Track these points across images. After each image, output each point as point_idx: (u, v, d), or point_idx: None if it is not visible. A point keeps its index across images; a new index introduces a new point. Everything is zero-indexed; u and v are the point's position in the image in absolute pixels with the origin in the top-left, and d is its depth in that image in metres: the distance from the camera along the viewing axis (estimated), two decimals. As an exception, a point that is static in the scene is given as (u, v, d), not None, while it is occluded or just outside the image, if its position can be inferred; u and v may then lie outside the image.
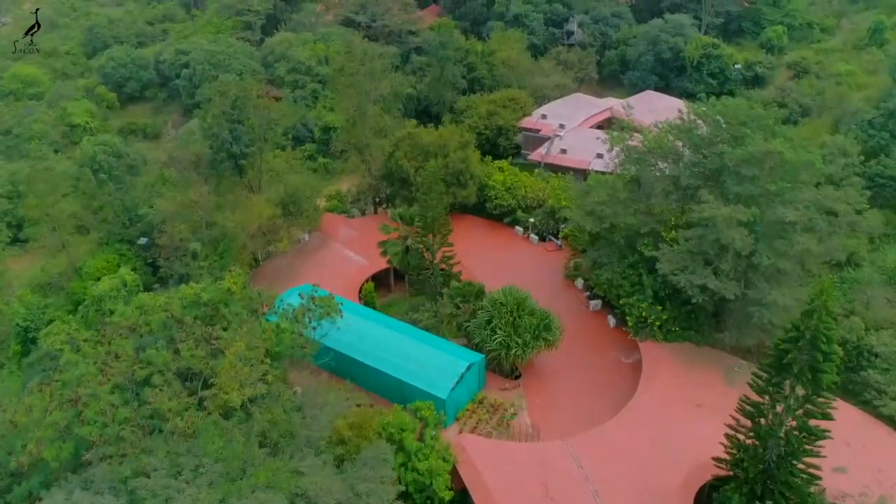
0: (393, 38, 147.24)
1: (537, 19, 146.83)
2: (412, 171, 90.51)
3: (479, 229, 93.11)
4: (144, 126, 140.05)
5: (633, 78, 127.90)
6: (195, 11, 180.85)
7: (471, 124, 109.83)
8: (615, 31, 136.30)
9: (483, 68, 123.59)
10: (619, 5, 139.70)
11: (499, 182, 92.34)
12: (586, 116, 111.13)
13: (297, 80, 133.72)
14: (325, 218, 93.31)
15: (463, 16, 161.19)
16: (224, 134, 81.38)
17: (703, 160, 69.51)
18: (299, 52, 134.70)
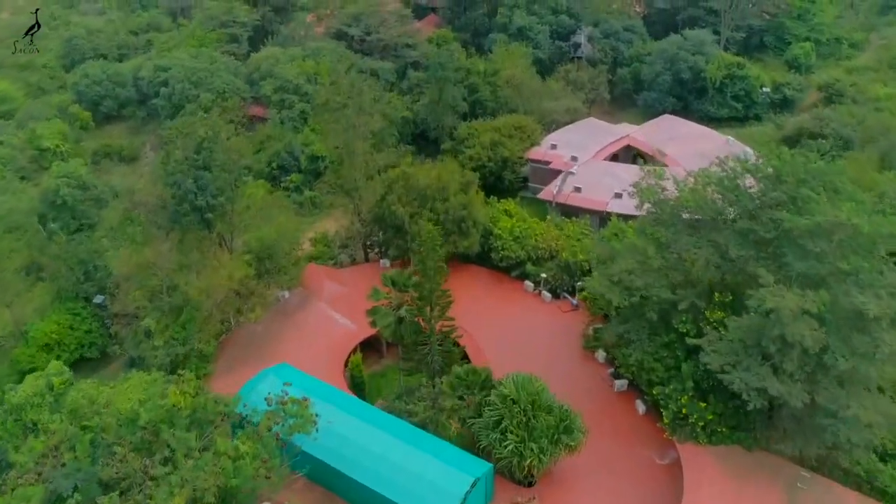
0: (388, 52, 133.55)
1: (543, 32, 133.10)
2: (407, 218, 77.23)
3: (482, 283, 79.68)
4: (120, 149, 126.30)
5: (648, 99, 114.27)
6: (182, 21, 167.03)
7: (472, 155, 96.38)
8: (628, 47, 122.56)
9: (486, 90, 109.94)
10: (632, 18, 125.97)
11: (505, 230, 78.84)
12: (601, 146, 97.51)
13: (284, 99, 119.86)
14: (309, 270, 79.90)
15: (463, 27, 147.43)
16: (187, 183, 67.81)
17: (755, 227, 56.05)
18: (287, 69, 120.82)
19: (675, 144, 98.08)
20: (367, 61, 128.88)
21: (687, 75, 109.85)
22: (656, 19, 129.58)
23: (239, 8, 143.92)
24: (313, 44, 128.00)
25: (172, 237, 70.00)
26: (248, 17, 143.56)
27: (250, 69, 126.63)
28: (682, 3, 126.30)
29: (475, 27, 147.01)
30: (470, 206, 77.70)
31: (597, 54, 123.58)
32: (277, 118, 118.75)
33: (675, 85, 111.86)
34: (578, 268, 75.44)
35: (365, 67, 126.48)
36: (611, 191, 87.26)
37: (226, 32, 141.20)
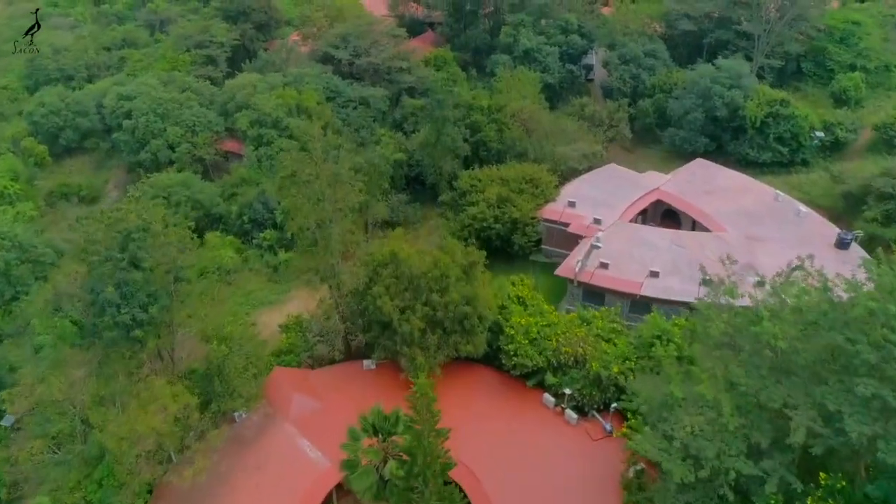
0: (380, 76, 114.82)
1: (552, 55, 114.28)
2: (396, 316, 59.16)
3: (489, 393, 61.50)
4: (79, 188, 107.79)
5: (676, 139, 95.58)
6: (159, 35, 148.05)
7: (476, 215, 78.10)
8: (649, 75, 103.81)
9: (490, 130, 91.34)
10: (653, 41, 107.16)
11: (519, 328, 60.58)
12: (628, 203, 79.17)
13: (261, 134, 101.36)
14: (274, 376, 61.84)
15: (463, 46, 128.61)
16: (108, 294, 49.53)
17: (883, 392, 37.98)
18: (265, 100, 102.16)
19: (714, 199, 79.83)
20: (357, 88, 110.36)
21: (722, 113, 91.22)
22: (679, 42, 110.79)
23: (216, 26, 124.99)
24: (296, 69, 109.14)
25: (92, 356, 51.78)
26: (227, 37, 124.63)
27: (224, 98, 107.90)
28: (710, 24, 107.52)
29: (476, 46, 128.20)
30: (474, 300, 59.52)
31: (614, 82, 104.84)
32: (254, 156, 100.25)
33: (708, 123, 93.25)
34: (612, 381, 57.40)
35: (354, 95, 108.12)
36: (645, 265, 69.05)
37: (201, 53, 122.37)
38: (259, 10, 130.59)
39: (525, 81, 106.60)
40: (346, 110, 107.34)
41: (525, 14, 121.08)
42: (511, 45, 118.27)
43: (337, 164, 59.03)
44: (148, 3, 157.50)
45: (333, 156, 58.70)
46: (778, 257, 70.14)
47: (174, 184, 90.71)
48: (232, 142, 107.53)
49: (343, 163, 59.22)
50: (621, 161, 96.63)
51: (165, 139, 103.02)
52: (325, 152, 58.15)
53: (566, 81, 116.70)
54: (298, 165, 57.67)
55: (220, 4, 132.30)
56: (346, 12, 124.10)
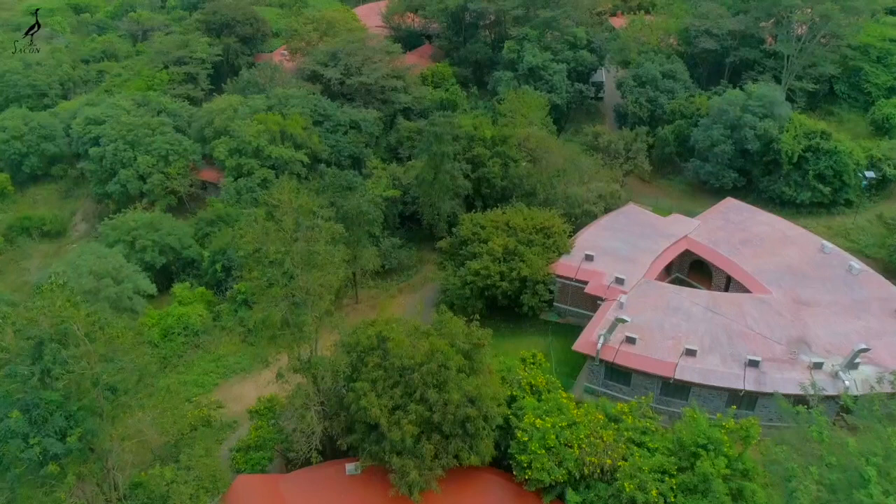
0: (374, 96, 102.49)
1: (559, 73, 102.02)
2: (385, 419, 47.18)
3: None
4: (43, 221, 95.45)
5: (701, 172, 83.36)
6: (140, 45, 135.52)
7: (480, 270, 65.95)
8: (668, 98, 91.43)
9: (494, 165, 79.06)
10: (672, 61, 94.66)
11: (534, 432, 48.50)
12: (653, 256, 67.02)
13: (241, 164, 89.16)
14: (236, 488, 49.77)
15: (463, 60, 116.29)
16: (11, 422, 37.38)
17: None
18: (245, 126, 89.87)
19: (751, 251, 67.68)
20: (347, 110, 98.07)
21: (754, 145, 78.91)
22: (699, 60, 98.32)
23: (196, 41, 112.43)
24: (281, 90, 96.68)
25: None
26: (208, 53, 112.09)
27: (202, 123, 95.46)
28: (733, 42, 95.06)
29: (477, 60, 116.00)
30: (479, 399, 47.52)
31: (629, 106, 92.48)
32: (232, 188, 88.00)
33: (738, 156, 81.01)
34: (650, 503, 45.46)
35: (343, 119, 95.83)
36: (678, 340, 56.98)
37: (180, 71, 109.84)
38: (244, 23, 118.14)
39: (531, 104, 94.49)
40: (334, 136, 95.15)
41: (529, 27, 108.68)
42: (515, 61, 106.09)
43: (313, 233, 46.53)
44: (130, 12, 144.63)
45: (308, 227, 46.20)
46: (832, 328, 58.46)
47: (140, 225, 78.44)
48: (210, 171, 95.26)
49: (322, 237, 46.72)
50: (640, 195, 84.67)
51: (135, 169, 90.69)
52: (296, 223, 45.66)
53: (575, 102, 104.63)
54: (263, 241, 45.31)
55: (202, 17, 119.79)
56: (338, 25, 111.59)
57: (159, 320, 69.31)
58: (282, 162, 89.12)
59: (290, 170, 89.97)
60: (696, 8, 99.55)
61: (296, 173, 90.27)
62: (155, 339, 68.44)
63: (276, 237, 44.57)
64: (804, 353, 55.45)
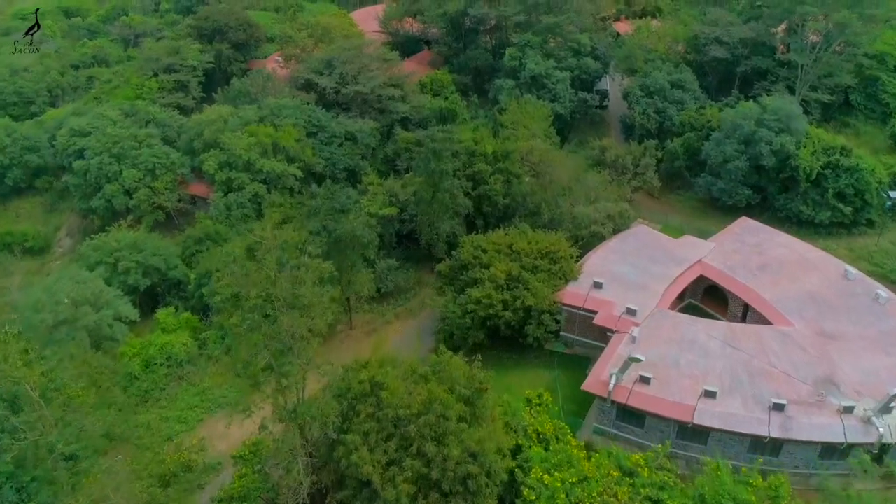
0: (370, 106, 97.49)
1: (562, 81, 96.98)
2: (378, 475, 42.30)
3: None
4: (25, 237, 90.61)
5: (713, 189, 78.34)
6: (132, 51, 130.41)
7: (481, 298, 60.97)
8: (678, 110, 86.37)
9: (496, 182, 74.05)
10: (681, 70, 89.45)
11: (542, 491, 43.55)
12: (666, 283, 62.07)
13: (231, 179, 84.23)
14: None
15: (462, 67, 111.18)
16: (-53, 497, 32.60)
17: None
18: (236, 138, 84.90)
19: (770, 277, 62.68)
20: (342, 121, 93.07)
21: (769, 162, 73.91)
22: (708, 69, 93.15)
23: (187, 48, 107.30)
24: (273, 101, 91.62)
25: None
26: (199, 60, 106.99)
27: (192, 135, 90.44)
28: (744, 51, 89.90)
29: (477, 68, 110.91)
30: (483, 454, 42.64)
31: (637, 117, 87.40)
32: (222, 203, 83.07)
33: (752, 172, 76.05)
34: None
35: (338, 130, 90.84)
36: (696, 379, 52.05)
37: (170, 79, 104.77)
38: (237, 28, 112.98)
39: (534, 114, 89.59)
40: (329, 148, 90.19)
41: (532, 33, 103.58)
42: (516, 69, 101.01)
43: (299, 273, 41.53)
44: (122, 16, 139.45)
45: (293, 266, 41.20)
46: (862, 365, 53.48)
47: (123, 246, 73.42)
48: (200, 184, 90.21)
49: (307, 277, 41.69)
50: (648, 211, 79.76)
51: (121, 183, 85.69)
52: (278, 262, 40.64)
53: (579, 111, 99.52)
54: (243, 285, 40.25)
55: (194, 22, 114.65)
56: (333, 31, 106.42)
57: (141, 350, 64.39)
58: (274, 176, 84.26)
59: (283, 184, 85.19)
60: (705, 15, 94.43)
61: (288, 187, 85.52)
62: (136, 371, 63.53)
63: (258, 278, 39.48)
64: (833, 394, 50.56)
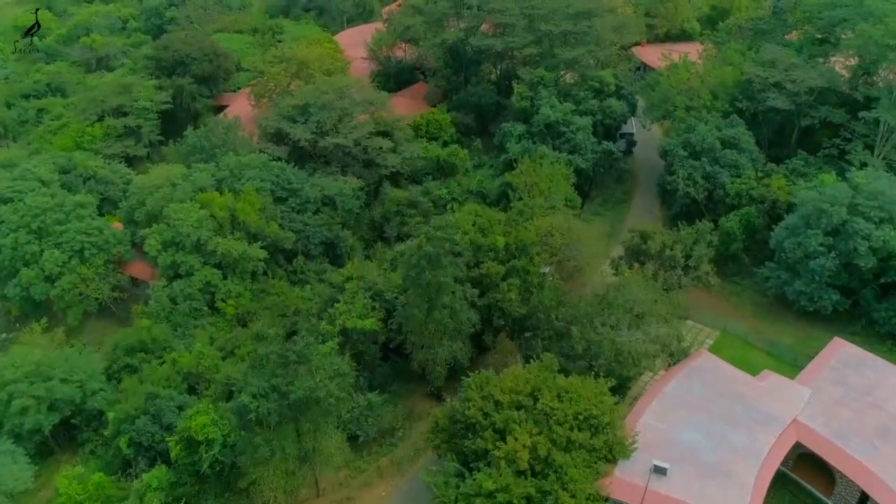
0: (354, 158, 76.83)
1: (584, 129, 76.33)
2: None
3: None
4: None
5: (787, 289, 57.79)
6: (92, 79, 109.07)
7: (496, 492, 40.44)
8: (731, 175, 65.63)
9: (511, 288, 53.43)
10: (733, 124, 68.21)
11: None
12: (756, 463, 41.68)
13: (177, 263, 63.81)
14: None
15: (463, 104, 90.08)
16: None
17: None
18: (185, 210, 64.37)
19: (892, 447, 42.52)
20: (319, 180, 72.56)
21: (867, 262, 53.50)
22: (763, 120, 72.08)
23: (139, 85, 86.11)
24: (234, 158, 70.84)
25: None
26: (154, 99, 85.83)
27: (132, 203, 69.74)
28: (809, 98, 68.89)
29: (479, 106, 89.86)
30: None
31: (680, 183, 66.62)
32: (165, 296, 62.76)
33: (842, 271, 55.51)
34: None
35: (313, 195, 70.23)
36: None
37: (118, 124, 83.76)
38: (202, 59, 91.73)
39: (551, 175, 69.27)
40: (302, 217, 69.75)
41: (544, 68, 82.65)
42: (528, 111, 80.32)
43: None
44: (85, 35, 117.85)
45: None
46: None
47: (21, 376, 52.79)
48: (144, 263, 69.49)
49: None
50: (701, 310, 59.62)
51: (41, 268, 65.01)
52: None
53: (602, 164, 78.76)
54: None
55: (152, 52, 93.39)
56: (311, 66, 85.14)
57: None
58: (231, 260, 63.54)
59: (242, 268, 64.58)
60: (759, 53, 73.36)
61: (249, 272, 64.98)
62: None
63: None
64: None
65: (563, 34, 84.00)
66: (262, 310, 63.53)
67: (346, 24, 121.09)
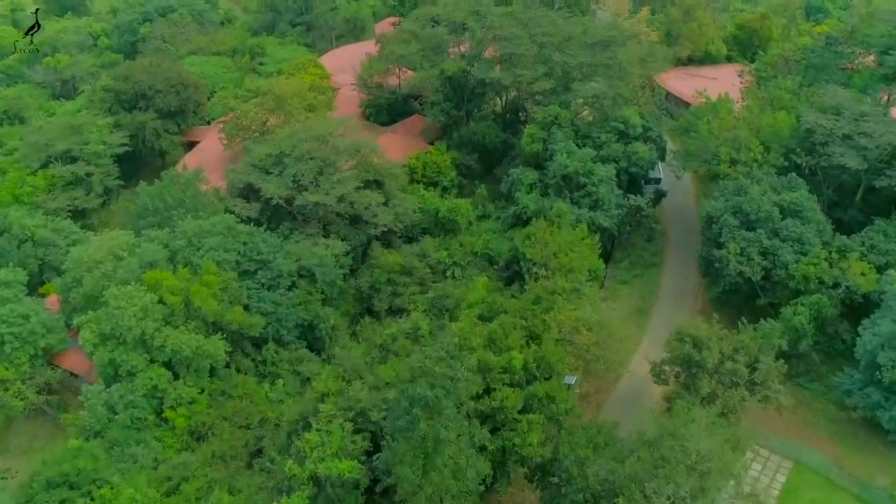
0: (338, 215, 62.55)
1: (607, 181, 62.22)
2: None
3: None
4: None
5: (882, 416, 43.85)
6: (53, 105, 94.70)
7: None
8: (794, 251, 51.55)
9: (532, 431, 39.31)
10: (793, 185, 54.10)
11: None
12: None
13: (118, 363, 49.72)
14: None
15: (465, 142, 75.90)
16: None
17: None
18: (128, 294, 50.22)
19: None
20: (295, 245, 58.36)
21: None
22: (823, 178, 57.84)
23: (91, 126, 71.63)
24: (192, 224, 56.49)
25: None
26: (108, 141, 71.37)
27: (67, 282, 55.40)
28: (883, 153, 54.69)
29: (484, 145, 75.54)
30: None
31: (730, 261, 52.36)
32: (100, 404, 48.81)
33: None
34: None
35: (287, 268, 56.01)
36: None
37: (66, 172, 69.39)
38: (168, 91, 77.02)
39: (572, 243, 55.33)
40: (274, 294, 55.60)
41: (559, 104, 68.36)
42: (540, 155, 66.25)
43: None
44: (45, 56, 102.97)
45: None
46: None
47: None
48: (81, 354, 55.16)
49: None
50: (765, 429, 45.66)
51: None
52: None
53: (629, 221, 64.64)
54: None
55: (110, 84, 78.66)
56: (290, 103, 70.72)
57: None
58: (183, 357, 49.41)
59: (198, 366, 50.53)
60: (816, 95, 59.01)
61: (207, 369, 51.00)
62: None
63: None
64: None
65: (581, 66, 69.64)
66: (221, 420, 49.62)
67: (335, 41, 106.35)
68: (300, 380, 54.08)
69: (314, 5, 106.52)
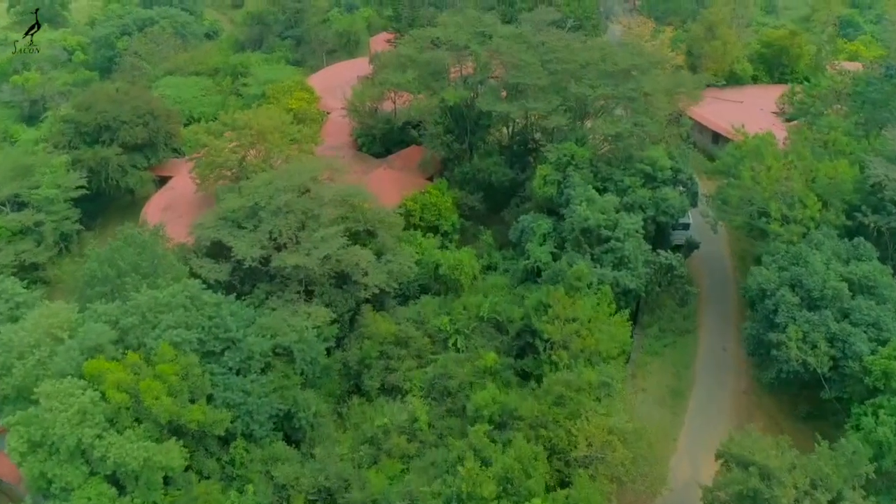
0: (322, 280, 52.00)
1: (633, 235, 51.79)
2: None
3: None
4: None
5: None
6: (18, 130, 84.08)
7: None
8: (867, 338, 41.28)
9: None
10: (859, 250, 43.97)
11: None
12: None
13: (48, 477, 39.43)
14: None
15: (466, 180, 65.17)
16: None
17: None
18: (64, 392, 39.82)
19: None
20: (268, 322, 47.83)
21: None
22: (889, 238, 47.41)
23: (44, 165, 60.96)
24: (147, 295, 45.99)
25: None
26: (62, 186, 60.63)
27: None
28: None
29: (490, 183, 64.84)
30: None
31: (791, 347, 41.97)
32: (30, 531, 38.20)
33: None
34: None
35: (259, 348, 45.61)
36: None
37: (14, 220, 58.77)
38: (134, 123, 66.25)
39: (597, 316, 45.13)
40: (243, 380, 45.14)
41: (576, 143, 57.93)
42: (554, 200, 55.88)
43: None
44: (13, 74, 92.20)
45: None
46: None
47: None
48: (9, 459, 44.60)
49: None
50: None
51: None
52: None
53: (659, 281, 54.21)
54: None
55: (71, 114, 67.82)
56: (271, 137, 60.13)
57: None
58: (129, 471, 39.00)
59: (149, 479, 40.15)
60: (882, 139, 48.52)
61: (160, 481, 40.67)
62: None
63: None
64: None
65: (600, 99, 59.14)
66: (175, 550, 39.43)
67: (326, 57, 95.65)
68: (274, 486, 43.87)
69: (304, 17, 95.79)
